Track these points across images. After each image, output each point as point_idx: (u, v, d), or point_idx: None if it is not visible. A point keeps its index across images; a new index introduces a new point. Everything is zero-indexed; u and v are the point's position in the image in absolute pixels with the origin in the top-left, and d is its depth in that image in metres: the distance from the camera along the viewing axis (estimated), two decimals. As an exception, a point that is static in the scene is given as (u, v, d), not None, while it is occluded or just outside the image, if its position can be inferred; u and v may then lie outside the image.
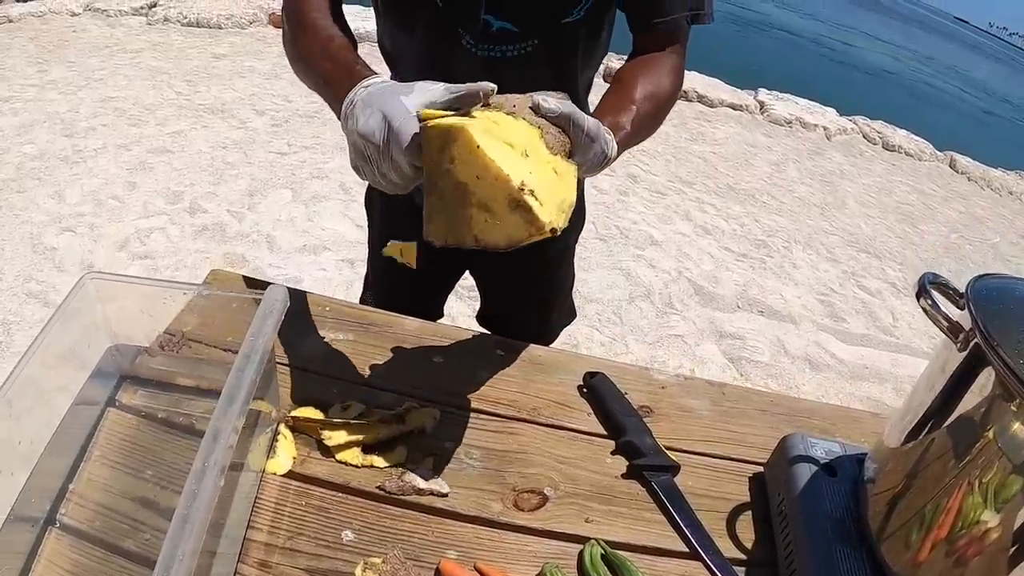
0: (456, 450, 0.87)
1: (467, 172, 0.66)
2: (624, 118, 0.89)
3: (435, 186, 0.69)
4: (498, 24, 0.98)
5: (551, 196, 0.68)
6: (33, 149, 3.42)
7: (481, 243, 0.69)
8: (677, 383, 1.08)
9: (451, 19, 0.99)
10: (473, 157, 0.65)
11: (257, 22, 5.66)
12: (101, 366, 0.77)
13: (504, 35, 1.00)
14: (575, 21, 1.00)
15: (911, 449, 0.75)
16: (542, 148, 0.71)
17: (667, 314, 3.12)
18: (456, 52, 1.02)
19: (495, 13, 0.98)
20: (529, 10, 0.98)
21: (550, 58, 1.04)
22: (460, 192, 0.67)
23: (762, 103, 6.38)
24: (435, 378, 0.98)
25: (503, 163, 0.64)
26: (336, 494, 0.79)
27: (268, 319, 0.65)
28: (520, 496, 0.84)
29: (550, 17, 0.99)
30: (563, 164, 0.73)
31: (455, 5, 0.98)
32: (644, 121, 0.93)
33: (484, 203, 0.67)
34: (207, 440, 0.55)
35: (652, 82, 0.97)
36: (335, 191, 3.49)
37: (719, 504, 0.89)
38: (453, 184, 0.67)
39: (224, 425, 0.56)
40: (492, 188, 0.65)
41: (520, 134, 0.69)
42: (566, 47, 1.04)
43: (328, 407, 0.87)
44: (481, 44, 1.01)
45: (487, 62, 1.02)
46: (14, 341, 2.28)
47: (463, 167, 0.66)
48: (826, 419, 1.08)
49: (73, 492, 0.70)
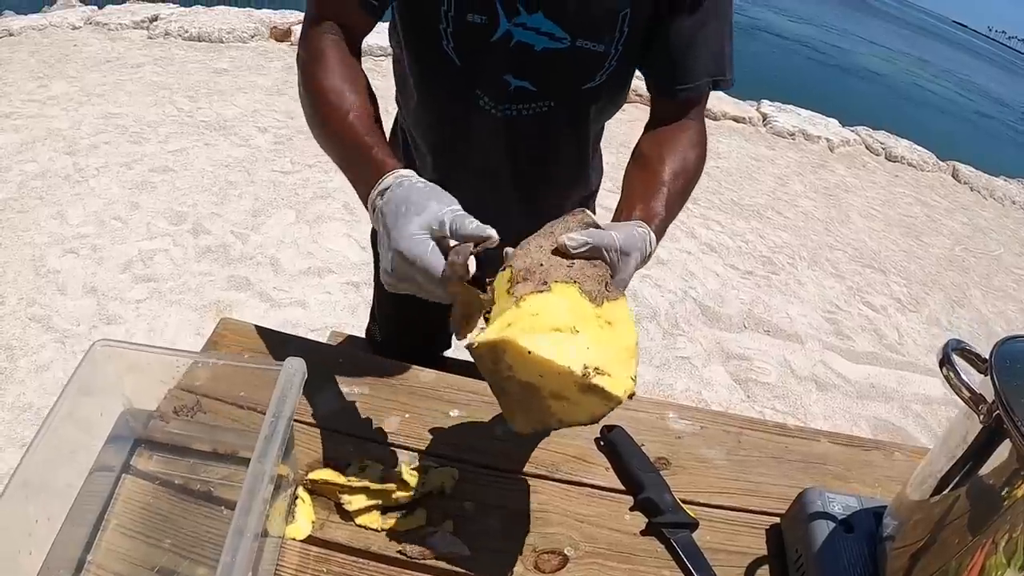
0: (476, 511, 0.87)
1: (529, 373, 0.66)
2: (657, 203, 0.88)
3: (502, 390, 0.70)
4: (516, 83, 0.99)
5: (615, 359, 0.67)
6: (35, 167, 3.41)
7: (566, 423, 0.69)
8: (693, 432, 1.07)
9: (471, 79, 0.99)
10: (529, 361, 0.64)
11: (259, 36, 5.66)
12: (115, 432, 0.77)
13: (522, 94, 1.00)
14: (595, 86, 1.00)
15: (931, 508, 0.75)
16: (587, 307, 0.70)
17: (674, 335, 3.12)
18: (473, 109, 1.02)
19: (513, 72, 0.98)
20: (551, 74, 0.98)
21: (566, 118, 1.04)
22: (530, 390, 0.67)
23: (765, 115, 6.38)
24: (453, 434, 0.97)
25: (559, 357, 0.64)
26: (357, 560, 0.78)
27: (288, 396, 0.65)
28: (540, 557, 0.83)
29: (570, 81, 0.99)
30: (612, 309, 0.72)
31: (476, 66, 0.98)
32: (675, 199, 0.92)
33: (556, 394, 0.66)
34: (235, 527, 0.54)
35: (679, 158, 0.96)
36: (339, 211, 3.49)
37: (736, 559, 0.89)
38: (519, 386, 0.68)
39: (254, 500, 0.55)
40: (558, 381, 0.65)
41: (562, 311, 0.68)
42: (582, 108, 1.04)
43: (345, 466, 0.86)
44: (499, 104, 1.01)
45: (504, 120, 1.02)
46: (17, 367, 2.27)
47: (523, 371, 0.66)
48: (840, 464, 1.08)
49: (91, 563, 0.69)
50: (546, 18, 0.93)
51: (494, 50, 0.95)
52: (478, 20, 0.93)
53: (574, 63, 0.96)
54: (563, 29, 0.93)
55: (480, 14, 0.93)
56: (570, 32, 0.94)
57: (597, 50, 0.95)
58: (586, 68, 0.98)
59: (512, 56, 0.96)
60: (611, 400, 0.65)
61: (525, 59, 0.96)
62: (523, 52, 0.95)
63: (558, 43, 0.94)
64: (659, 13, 0.95)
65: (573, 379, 0.64)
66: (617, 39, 0.95)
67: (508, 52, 0.95)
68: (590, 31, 0.94)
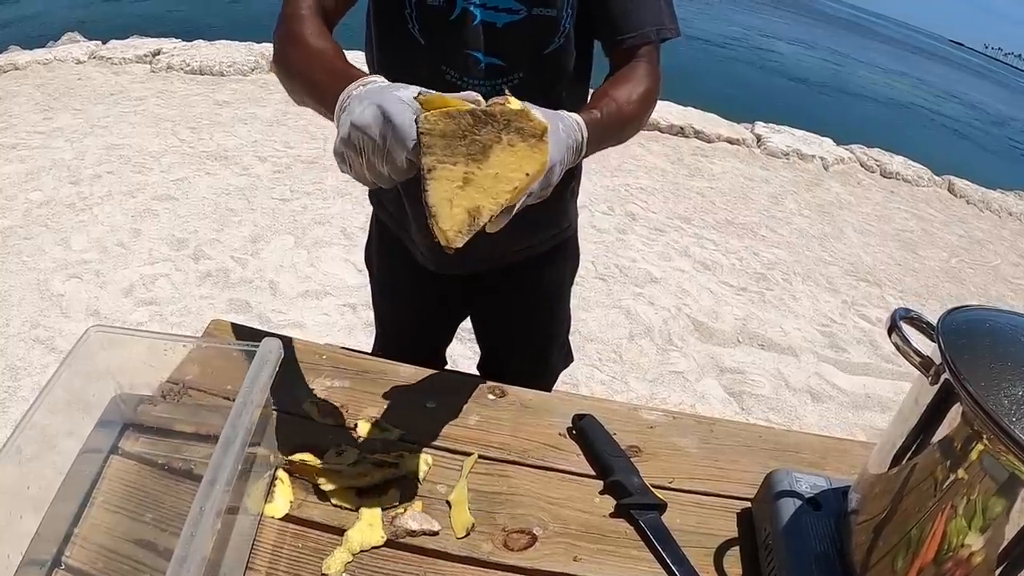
0: (447, 493, 0.90)
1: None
2: (595, 106, 0.97)
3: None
4: (487, 60, 1.06)
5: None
6: (40, 196, 3.49)
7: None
8: (666, 421, 1.10)
9: (437, 57, 1.07)
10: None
11: (259, 69, 5.77)
12: (106, 415, 0.81)
13: (492, 70, 1.08)
14: (556, 49, 1.08)
15: (891, 479, 0.77)
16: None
17: (667, 351, 3.14)
18: (444, 88, 1.07)
19: (481, 50, 1.05)
20: (513, 44, 1.06)
21: (538, 88, 1.09)
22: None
23: (759, 136, 6.44)
24: (428, 423, 1.00)
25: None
26: (332, 536, 0.82)
27: (263, 369, 0.69)
28: (510, 536, 0.86)
29: (533, 48, 1.07)
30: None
31: (441, 45, 1.05)
32: (620, 111, 1.00)
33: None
34: (205, 484, 0.58)
35: (627, 85, 1.04)
36: (337, 236, 3.55)
37: (707, 540, 0.91)
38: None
39: (221, 470, 0.59)
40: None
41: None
42: (551, 76, 1.12)
43: (324, 452, 0.90)
44: (468, 79, 1.08)
45: None
46: (21, 386, 2.32)
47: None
48: (815, 452, 1.09)
49: (78, 536, 0.73)
50: None
51: (457, 29, 1.04)
52: (437, 3, 1.02)
53: (534, 29, 1.05)
54: (518, 1, 1.03)
55: None
56: (525, 3, 1.03)
57: (551, 15, 1.05)
58: (545, 33, 1.06)
59: (478, 35, 1.04)
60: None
61: (491, 36, 1.05)
62: (488, 30, 1.04)
63: (516, 15, 1.04)
64: None
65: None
66: (566, 2, 1.05)
67: (474, 32, 1.04)
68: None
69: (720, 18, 26.43)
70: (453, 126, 0.71)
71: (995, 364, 0.68)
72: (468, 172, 0.72)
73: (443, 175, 0.71)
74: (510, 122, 0.72)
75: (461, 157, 0.72)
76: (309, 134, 4.60)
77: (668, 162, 5.47)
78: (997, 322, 0.76)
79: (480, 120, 0.72)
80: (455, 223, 0.72)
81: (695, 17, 22.22)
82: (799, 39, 28.47)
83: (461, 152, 0.71)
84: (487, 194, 0.73)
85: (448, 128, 0.71)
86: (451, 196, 0.72)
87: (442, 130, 0.71)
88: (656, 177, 5.08)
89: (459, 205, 0.72)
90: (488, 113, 0.72)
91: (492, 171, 0.73)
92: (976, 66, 70.61)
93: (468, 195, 0.72)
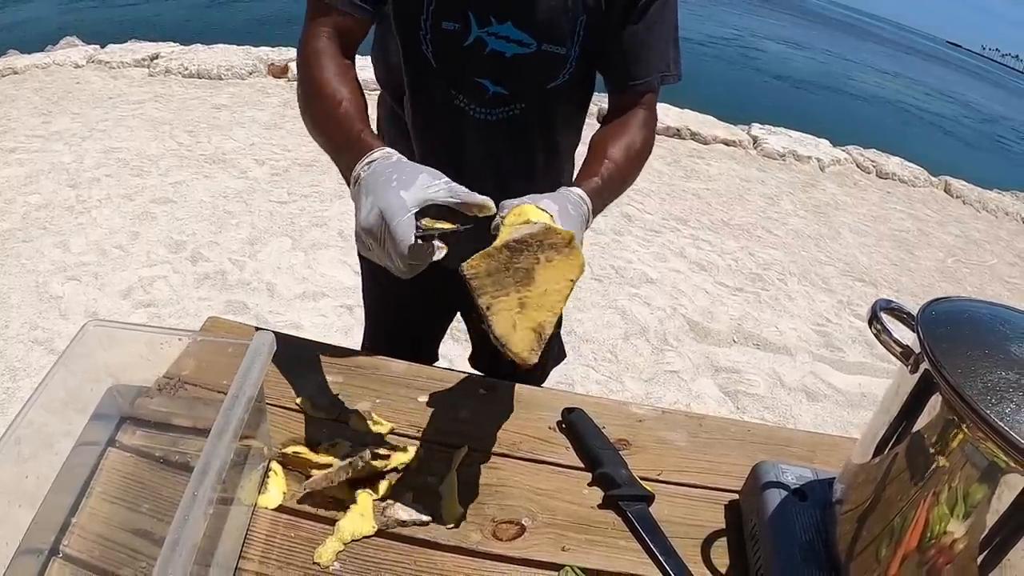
0: (438, 484, 0.91)
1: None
2: (596, 170, 1.00)
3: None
4: (493, 89, 1.09)
5: None
6: (38, 199, 3.51)
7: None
8: (655, 416, 1.11)
9: (447, 81, 1.09)
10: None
11: (256, 73, 5.79)
12: (102, 408, 0.83)
13: (498, 99, 1.10)
14: (558, 85, 1.10)
15: (874, 468, 0.78)
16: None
17: (663, 351, 3.16)
18: (453, 111, 1.11)
19: (490, 78, 1.08)
20: (520, 77, 1.08)
21: (536, 119, 1.14)
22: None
23: (755, 138, 6.46)
24: (419, 417, 1.02)
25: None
26: (324, 527, 0.83)
27: (255, 362, 0.70)
28: (499, 527, 0.87)
29: (538, 82, 1.10)
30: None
31: (451, 70, 1.07)
32: (620, 170, 1.03)
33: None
34: (197, 471, 0.60)
35: (625, 138, 1.07)
36: (333, 238, 3.57)
37: (694, 531, 0.92)
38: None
39: (214, 457, 0.61)
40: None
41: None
42: (549, 109, 1.15)
43: (316, 445, 0.92)
44: (476, 106, 1.11)
45: (485, 124, 1.12)
46: (20, 387, 2.33)
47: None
48: (804, 447, 1.11)
49: (75, 525, 0.75)
50: (515, 27, 1.03)
51: (468, 55, 1.05)
52: (452, 27, 1.03)
53: (540, 65, 1.07)
54: (530, 36, 1.04)
55: (454, 21, 1.02)
56: (536, 38, 1.04)
57: (559, 52, 1.06)
58: (551, 69, 1.08)
59: (487, 63, 1.06)
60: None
61: (499, 66, 1.06)
62: (496, 59, 1.05)
63: (526, 48, 1.05)
64: (610, 20, 1.06)
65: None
66: (575, 42, 1.06)
67: (483, 59, 1.05)
68: (554, 36, 1.05)
69: (715, 20, 26.47)
70: (495, 264, 0.77)
71: (973, 351, 0.68)
72: (521, 297, 0.78)
73: (501, 308, 0.78)
74: (542, 242, 0.79)
75: (511, 287, 0.78)
76: (306, 137, 4.57)
77: (664, 164, 5.49)
78: (977, 312, 0.78)
79: (515, 250, 0.78)
80: (525, 345, 0.78)
81: (690, 19, 22.23)
82: (796, 41, 28.51)
83: (510, 283, 0.78)
84: (543, 309, 0.79)
85: (491, 267, 0.77)
86: (513, 322, 0.78)
87: (487, 270, 0.77)
88: (652, 178, 5.10)
89: (523, 327, 0.78)
90: (520, 241, 0.78)
91: (541, 289, 0.79)
92: (973, 67, 70.65)
93: (528, 316, 0.78)
